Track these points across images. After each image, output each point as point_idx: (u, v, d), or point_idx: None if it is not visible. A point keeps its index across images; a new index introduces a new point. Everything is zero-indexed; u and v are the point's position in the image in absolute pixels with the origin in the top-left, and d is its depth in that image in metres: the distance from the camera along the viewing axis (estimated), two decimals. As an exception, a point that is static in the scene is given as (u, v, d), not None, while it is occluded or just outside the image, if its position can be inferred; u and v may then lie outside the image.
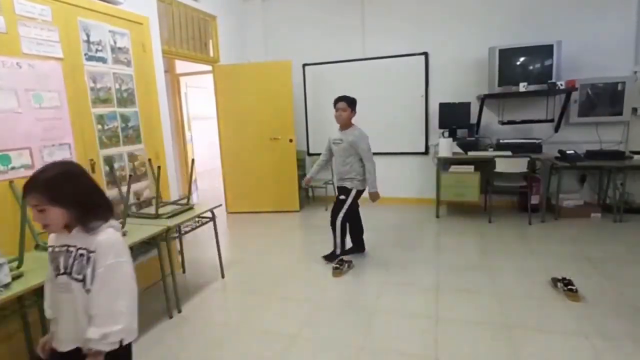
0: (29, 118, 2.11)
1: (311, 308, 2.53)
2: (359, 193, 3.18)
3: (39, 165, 2.15)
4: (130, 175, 2.69)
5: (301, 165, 5.28)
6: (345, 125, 3.13)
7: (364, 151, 3.06)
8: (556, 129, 4.33)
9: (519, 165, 3.93)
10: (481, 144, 4.45)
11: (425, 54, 4.69)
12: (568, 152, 3.96)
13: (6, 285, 1.57)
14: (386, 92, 4.91)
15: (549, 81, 3.92)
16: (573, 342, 2.02)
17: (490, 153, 4.15)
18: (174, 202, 2.92)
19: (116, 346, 1.11)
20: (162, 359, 2.06)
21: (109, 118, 2.64)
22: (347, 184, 3.15)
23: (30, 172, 2.07)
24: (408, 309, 2.45)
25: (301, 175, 5.19)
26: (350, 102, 3.11)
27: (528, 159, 3.90)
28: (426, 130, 4.85)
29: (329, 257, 3.21)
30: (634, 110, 4.09)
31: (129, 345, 1.21)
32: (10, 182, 2.01)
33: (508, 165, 3.96)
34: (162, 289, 2.51)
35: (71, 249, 1.17)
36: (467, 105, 4.42)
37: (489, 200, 4.40)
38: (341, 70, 5.05)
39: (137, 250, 2.42)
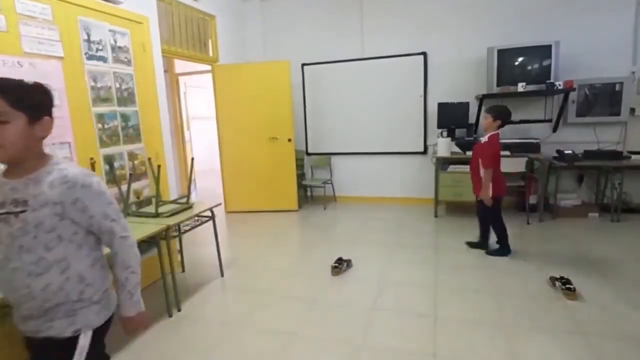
0: (29, 117, 2.11)
1: (310, 306, 2.54)
2: (103, 333, 1.29)
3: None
4: (130, 174, 2.71)
5: (300, 165, 5.30)
6: (23, 160, 1.12)
7: (107, 219, 1.22)
8: (554, 129, 4.36)
9: (517, 165, 3.94)
10: (480, 143, 4.47)
11: (424, 54, 4.70)
12: (566, 152, 3.98)
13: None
14: (385, 92, 4.93)
15: (547, 81, 3.95)
16: (570, 340, 2.04)
17: (488, 153, 4.17)
18: (173, 201, 2.92)
19: None
20: (162, 358, 2.07)
21: (109, 117, 2.65)
22: (60, 326, 1.17)
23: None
24: (407, 308, 2.46)
25: (300, 175, 5.23)
26: (24, 104, 1.06)
27: (526, 158, 3.92)
28: (425, 130, 4.87)
29: None
30: (632, 110, 4.12)
31: None
32: (11, 180, 2.01)
33: (506, 165, 3.96)
34: (162, 288, 2.52)
35: None
36: (465, 105, 4.44)
37: (488, 200, 4.42)
38: (340, 70, 5.06)
39: (137, 248, 2.42)
